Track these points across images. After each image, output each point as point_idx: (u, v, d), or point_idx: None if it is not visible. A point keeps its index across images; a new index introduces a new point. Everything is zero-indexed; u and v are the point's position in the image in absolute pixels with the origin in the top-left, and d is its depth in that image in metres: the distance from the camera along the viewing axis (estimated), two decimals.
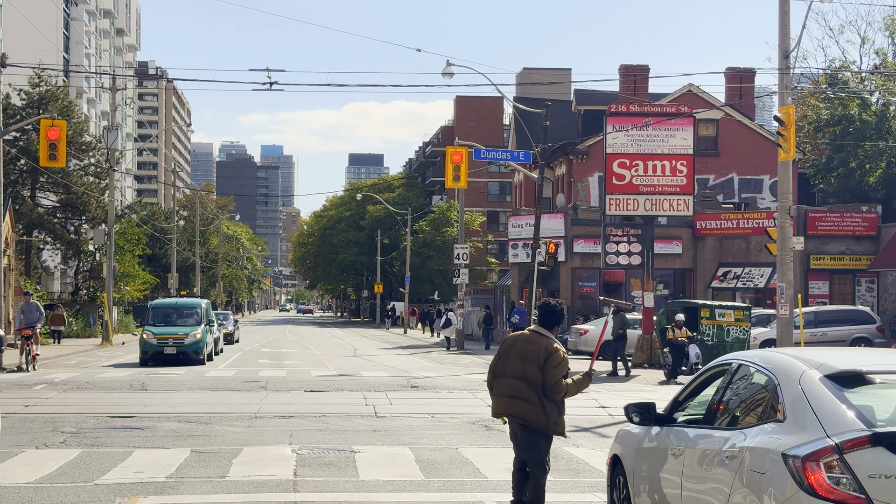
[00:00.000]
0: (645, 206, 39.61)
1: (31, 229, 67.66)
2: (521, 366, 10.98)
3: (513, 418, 11.11)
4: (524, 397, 10.91)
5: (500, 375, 11.17)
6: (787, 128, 30.93)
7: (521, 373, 10.95)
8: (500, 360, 11.28)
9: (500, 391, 11.13)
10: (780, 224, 33.07)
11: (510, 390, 10.99)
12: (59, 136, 36.06)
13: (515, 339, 11.38)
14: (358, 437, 18.54)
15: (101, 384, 29.47)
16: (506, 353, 11.26)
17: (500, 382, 11.13)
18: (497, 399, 11.23)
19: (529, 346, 11.04)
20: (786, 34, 32.85)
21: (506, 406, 11.07)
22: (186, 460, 15.58)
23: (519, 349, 11.10)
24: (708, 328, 39.11)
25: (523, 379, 10.93)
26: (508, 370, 11.07)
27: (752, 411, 7.82)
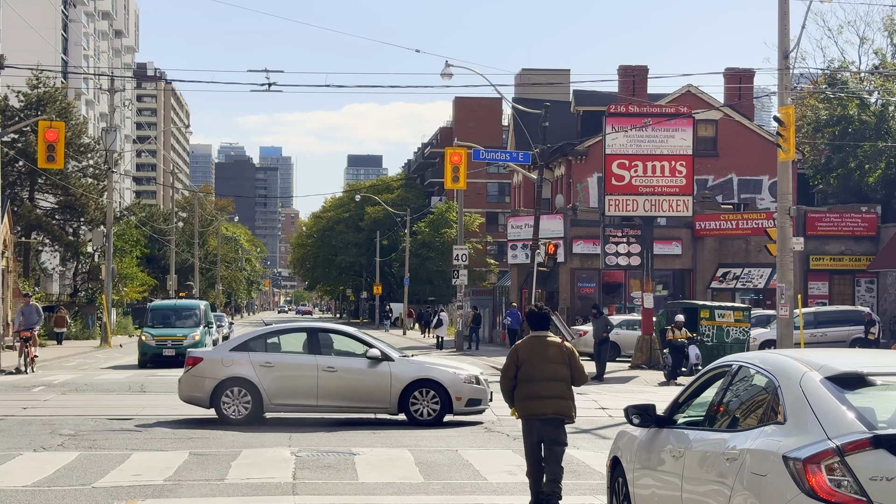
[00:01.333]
0: (644, 206, 39.55)
1: (30, 231, 67.66)
2: (552, 368, 12.04)
3: (554, 416, 12.06)
4: (563, 395, 12.14)
5: (532, 380, 12.03)
6: (786, 128, 30.87)
7: (552, 374, 12.03)
8: (524, 366, 12.08)
9: (537, 394, 12.02)
10: (780, 224, 33.01)
11: (550, 392, 12.02)
12: (58, 137, 35.99)
13: (531, 345, 12.21)
14: (357, 438, 18.50)
15: (99, 386, 29.44)
16: (527, 359, 12.09)
17: (536, 386, 12.01)
18: (536, 402, 12.03)
19: (550, 349, 12.12)
20: (785, 34, 32.79)
21: (550, 406, 12.02)
22: (185, 463, 15.54)
23: (541, 354, 12.07)
24: (707, 329, 39.02)
25: (558, 379, 12.06)
26: (540, 374, 12.02)
27: (753, 413, 7.77)
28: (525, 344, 12.37)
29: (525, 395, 12.11)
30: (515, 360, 12.25)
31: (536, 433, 12.11)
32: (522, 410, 12.17)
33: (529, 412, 12.10)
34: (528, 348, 12.23)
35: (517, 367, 12.22)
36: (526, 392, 12.10)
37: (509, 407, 12.61)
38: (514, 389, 12.26)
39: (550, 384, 12.03)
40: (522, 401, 12.13)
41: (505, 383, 12.41)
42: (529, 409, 12.09)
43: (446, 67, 40.26)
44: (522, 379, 12.12)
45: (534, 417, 12.09)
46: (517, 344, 12.65)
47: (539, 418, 12.05)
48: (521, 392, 12.16)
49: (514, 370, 12.22)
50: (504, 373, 12.50)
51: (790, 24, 33.05)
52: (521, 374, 12.13)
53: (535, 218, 41.92)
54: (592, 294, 55.91)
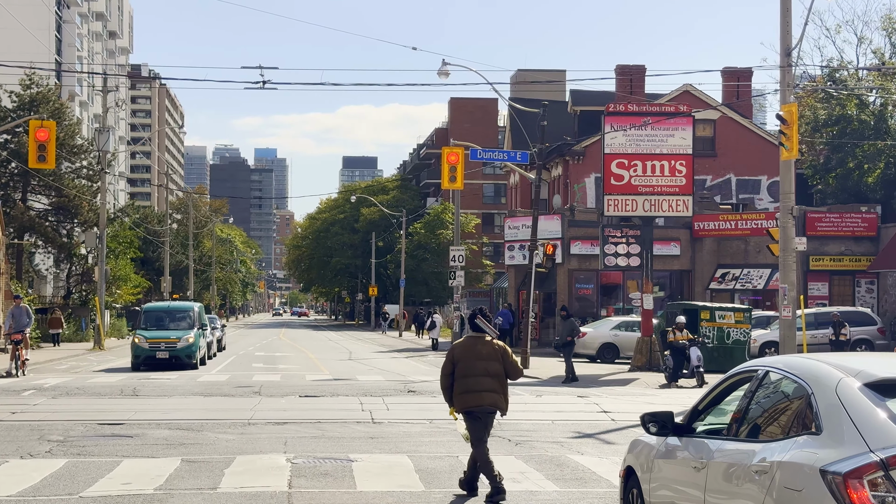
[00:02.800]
0: (644, 206, 39.05)
1: (23, 232, 67.05)
2: (486, 365, 13.00)
3: (489, 408, 13.04)
4: (496, 389, 13.05)
5: (468, 376, 12.98)
6: (789, 126, 30.39)
7: (486, 370, 12.99)
8: (460, 363, 13.07)
9: (474, 388, 12.96)
10: (783, 224, 32.53)
11: (485, 386, 12.97)
12: (49, 137, 35.37)
13: (467, 345, 13.18)
14: (355, 444, 17.97)
15: (91, 390, 28.88)
16: (463, 357, 13.07)
17: (472, 381, 12.95)
18: (471, 395, 12.98)
19: (484, 347, 13.09)
20: (787, 31, 32.32)
21: (486, 398, 12.98)
22: (177, 470, 14.99)
23: (476, 352, 13.04)
24: (708, 330, 38.61)
25: (491, 375, 13.01)
26: (474, 370, 12.98)
27: (783, 422, 7.20)
28: (462, 344, 13.32)
29: (463, 390, 13.02)
30: (452, 359, 13.18)
31: (476, 422, 13.08)
32: (461, 404, 13.06)
33: (468, 405, 13.00)
34: (464, 347, 13.19)
35: (454, 365, 13.13)
36: (463, 387, 13.02)
37: (449, 405, 13.38)
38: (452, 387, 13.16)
39: (484, 379, 12.98)
40: (460, 395, 13.04)
41: (444, 381, 13.29)
42: (468, 402, 13.00)
43: (443, 66, 39.75)
44: (459, 375, 13.06)
45: (472, 410, 12.99)
46: (454, 344, 13.57)
47: (477, 410, 12.98)
48: (458, 388, 13.07)
49: (451, 368, 13.15)
50: (443, 371, 13.34)
51: (792, 21, 32.67)
52: (458, 371, 13.06)
53: (534, 218, 41.38)
54: (590, 295, 55.46)
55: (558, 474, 14.77)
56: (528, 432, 19.63)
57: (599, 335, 45.55)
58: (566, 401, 26.53)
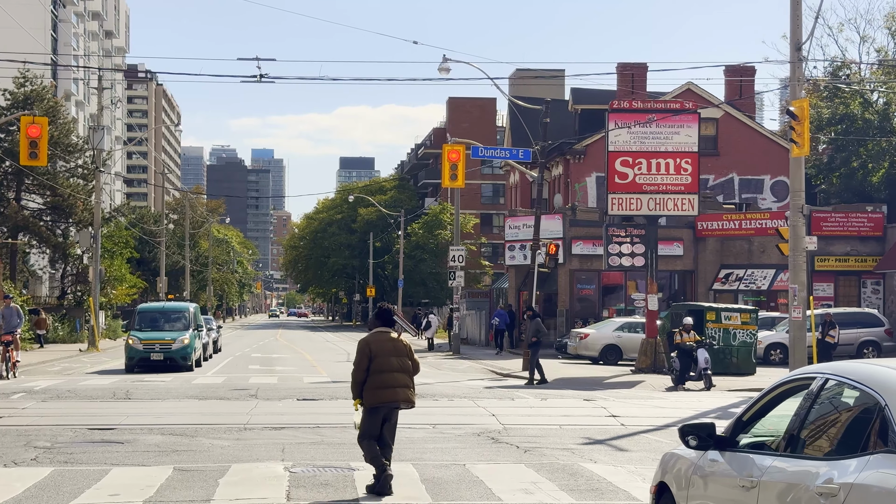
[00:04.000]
0: (648, 205, 38.24)
1: (17, 232, 66.20)
2: (400, 361, 13.40)
3: (401, 403, 13.38)
4: (409, 385, 13.46)
5: (384, 371, 13.23)
6: (800, 122, 29.61)
7: (401, 366, 13.39)
8: (377, 359, 13.27)
9: (390, 384, 13.25)
10: (793, 223, 31.75)
11: (400, 382, 13.33)
12: (41, 133, 34.49)
13: (381, 340, 13.43)
14: (356, 451, 16.99)
15: (82, 392, 28.04)
16: (379, 352, 13.31)
17: (388, 377, 13.24)
18: (387, 391, 13.24)
19: (397, 344, 13.47)
20: (797, 25, 31.55)
21: (400, 394, 13.33)
22: (168, 480, 14.16)
23: (391, 348, 13.38)
24: (714, 332, 37.87)
25: (405, 371, 13.41)
26: (390, 366, 13.29)
27: (849, 438, 6.35)
28: (375, 339, 13.48)
29: (378, 385, 13.23)
30: (369, 353, 13.36)
31: (382, 418, 13.34)
32: (375, 399, 13.25)
33: (382, 400, 13.26)
34: (379, 343, 13.42)
35: (370, 360, 13.32)
36: (379, 382, 13.24)
37: (354, 398, 13.47)
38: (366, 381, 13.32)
39: (400, 375, 13.35)
40: (375, 390, 13.24)
41: (359, 375, 13.38)
42: (383, 397, 13.26)
43: (444, 62, 38.97)
44: (375, 371, 13.27)
45: (385, 405, 13.27)
46: (366, 339, 13.58)
47: (390, 405, 13.31)
48: (373, 382, 13.25)
49: (367, 363, 13.33)
50: (358, 366, 13.43)
51: (802, 15, 31.89)
52: (374, 367, 13.28)
53: (536, 217, 40.59)
54: (592, 296, 54.67)
55: (573, 485, 13.93)
56: (536, 438, 18.83)
57: (602, 336, 44.76)
58: (572, 404, 25.73)
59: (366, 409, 13.33)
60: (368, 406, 13.30)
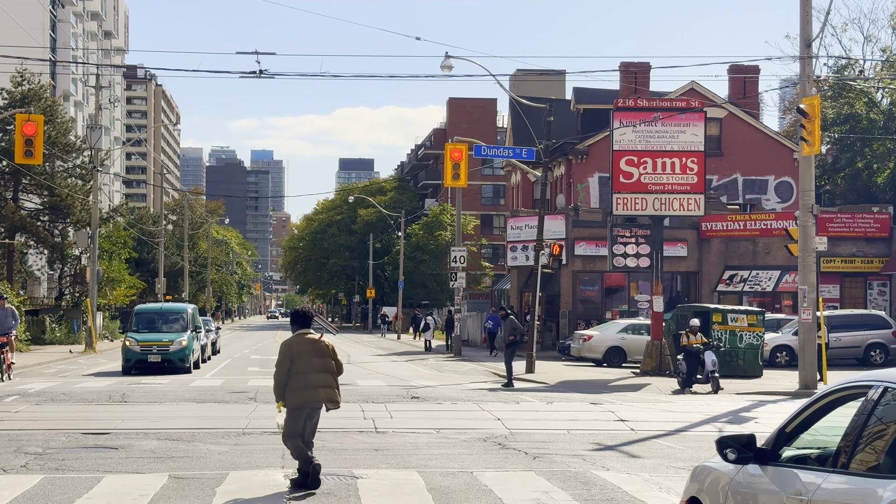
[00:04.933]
0: (654, 205, 37.62)
1: (14, 232, 65.60)
2: (322, 361, 13.57)
3: (324, 403, 13.63)
4: (331, 384, 13.67)
5: (306, 372, 13.40)
6: (811, 120, 29.04)
7: (323, 367, 13.56)
8: (298, 360, 13.44)
9: (312, 384, 13.43)
10: (802, 223, 31.18)
11: (322, 382, 13.52)
12: (36, 131, 33.87)
13: (302, 342, 13.61)
14: (358, 457, 16.54)
15: (77, 395, 27.42)
16: (301, 354, 13.48)
17: (311, 377, 13.42)
18: (309, 391, 13.43)
19: (318, 344, 13.64)
20: (807, 21, 30.99)
21: (323, 394, 13.56)
22: (163, 489, 13.56)
23: (312, 349, 13.55)
24: (720, 334, 37.27)
25: (327, 371, 13.60)
26: (312, 367, 13.47)
27: None
28: (296, 341, 13.65)
29: (301, 386, 13.42)
30: (290, 355, 13.49)
31: (305, 418, 13.57)
32: (298, 399, 13.43)
33: (305, 400, 13.46)
34: (300, 344, 13.60)
35: (291, 362, 13.46)
36: (302, 383, 13.42)
37: (277, 400, 13.64)
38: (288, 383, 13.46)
39: (322, 375, 13.54)
40: (298, 391, 13.40)
41: (281, 377, 13.53)
42: (305, 397, 13.46)
43: (446, 59, 38.34)
44: (297, 372, 13.44)
45: (307, 405, 13.49)
46: (287, 341, 13.74)
47: (313, 405, 13.54)
48: (296, 383, 13.41)
49: (288, 365, 13.48)
50: (279, 367, 13.57)
51: (812, 11, 31.30)
52: (296, 368, 13.44)
53: (540, 217, 39.96)
54: (595, 297, 54.08)
55: (587, 495, 13.30)
56: (544, 444, 18.23)
57: (606, 338, 44.18)
58: (579, 408, 25.12)
59: (289, 409, 13.53)
60: (291, 406, 13.50)
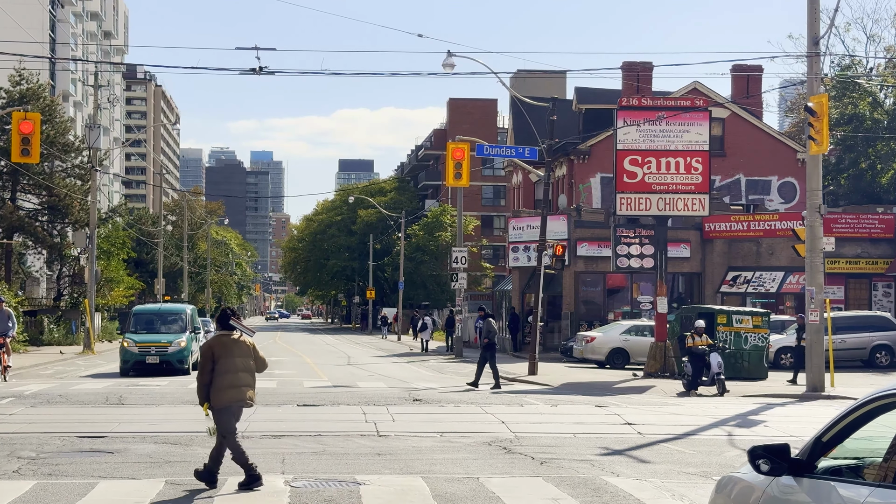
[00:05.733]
0: (658, 205, 37.17)
1: (12, 232, 65.19)
2: (244, 361, 13.66)
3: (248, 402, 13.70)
4: (252, 384, 13.81)
5: (230, 372, 13.47)
6: (819, 118, 28.61)
7: (245, 366, 13.67)
8: (221, 360, 13.51)
9: (235, 384, 13.50)
10: (810, 223, 30.76)
11: (245, 381, 13.61)
12: (33, 129, 33.44)
13: (223, 343, 13.66)
14: (360, 462, 16.09)
15: (74, 397, 26.99)
16: (224, 354, 13.54)
17: (234, 377, 13.49)
18: (234, 390, 13.49)
19: (240, 344, 13.70)
20: (815, 19, 30.57)
21: (245, 393, 13.61)
22: (159, 495, 13.12)
23: (235, 349, 13.61)
24: (725, 335, 36.87)
25: (249, 370, 13.72)
26: (234, 367, 13.55)
27: None
28: (217, 342, 13.73)
29: (226, 386, 13.48)
30: (212, 356, 13.58)
31: (233, 414, 13.64)
32: (226, 399, 13.48)
33: (231, 400, 13.50)
34: (222, 345, 13.64)
35: (213, 362, 13.54)
36: (226, 383, 13.48)
37: (201, 403, 13.71)
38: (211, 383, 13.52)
39: (244, 375, 13.63)
40: (223, 391, 13.47)
41: (204, 378, 13.60)
42: (230, 397, 13.50)
43: (448, 57, 37.91)
44: (220, 372, 13.50)
45: (234, 404, 13.53)
46: (209, 342, 13.88)
47: (238, 404, 13.58)
48: (220, 383, 13.48)
49: (210, 366, 13.56)
50: (202, 369, 13.65)
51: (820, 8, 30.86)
52: (219, 368, 13.51)
53: (543, 217, 39.52)
54: (597, 298, 53.63)
55: (597, 501, 12.87)
56: (551, 448, 17.79)
57: (609, 340, 43.75)
58: (584, 411, 24.68)
59: (216, 410, 13.58)
60: (219, 407, 13.55)
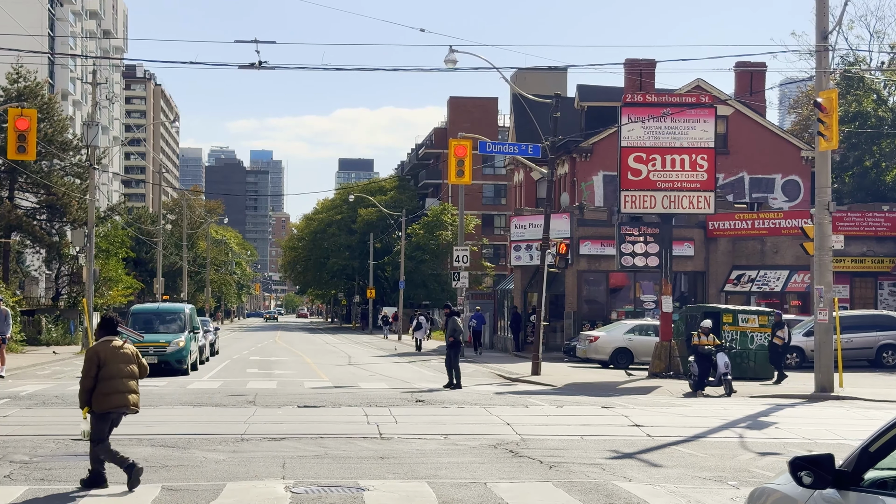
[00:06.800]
0: (663, 203, 36.65)
1: (10, 231, 64.68)
2: (129, 368, 13.87)
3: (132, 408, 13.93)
4: (137, 390, 14.02)
5: (115, 378, 13.63)
6: (828, 114, 28.16)
7: (130, 373, 13.87)
8: (106, 366, 13.62)
9: (121, 389, 13.69)
10: (818, 220, 30.28)
11: (129, 387, 13.82)
12: (29, 126, 32.96)
13: (107, 348, 13.75)
14: (363, 466, 15.60)
15: (70, 399, 26.41)
16: (108, 360, 13.66)
17: (119, 383, 13.67)
18: (117, 396, 13.67)
19: (123, 351, 13.84)
20: (823, 12, 30.11)
21: (130, 399, 13.84)
22: (155, 502, 12.65)
23: (118, 355, 13.76)
24: (731, 335, 36.40)
25: (133, 376, 13.93)
26: (120, 373, 13.70)
27: None
28: (102, 347, 13.79)
29: (110, 391, 13.63)
30: (97, 361, 13.64)
31: (111, 423, 13.85)
32: (107, 404, 13.64)
33: (115, 405, 13.70)
34: (107, 351, 13.75)
35: (99, 367, 13.63)
36: (111, 388, 13.63)
37: (82, 406, 13.78)
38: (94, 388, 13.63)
39: (128, 381, 13.82)
40: (107, 396, 13.61)
41: (87, 383, 13.67)
42: (115, 402, 13.69)
43: (450, 53, 37.48)
44: (104, 378, 13.61)
45: (115, 410, 13.73)
46: (94, 347, 13.87)
47: (119, 410, 13.79)
48: (104, 388, 13.61)
49: (95, 371, 13.64)
50: (86, 374, 13.69)
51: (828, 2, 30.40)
52: (103, 374, 13.61)
53: (546, 215, 39.04)
54: (600, 297, 53.12)
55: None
56: (559, 451, 17.30)
57: (613, 339, 43.27)
58: (590, 412, 24.19)
59: (95, 414, 13.73)
60: (99, 412, 13.70)
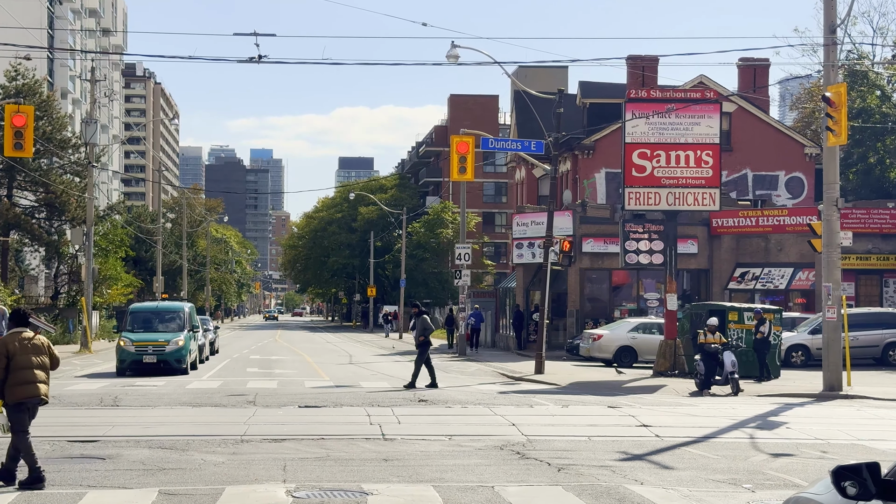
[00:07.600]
0: (667, 199, 36.22)
1: (8, 230, 64.28)
2: (40, 359, 14.11)
3: (42, 398, 14.08)
4: (47, 381, 14.22)
5: (25, 368, 13.88)
6: (837, 109, 27.79)
7: (41, 364, 14.11)
8: (16, 357, 13.88)
9: (31, 379, 13.91)
10: (826, 217, 29.86)
11: (40, 378, 14.04)
12: (26, 123, 32.51)
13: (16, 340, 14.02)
14: (366, 469, 15.18)
15: (68, 399, 26.07)
16: (18, 351, 13.91)
17: (30, 373, 13.91)
18: (28, 386, 13.90)
19: (34, 343, 14.14)
20: (831, 7, 29.70)
21: (41, 389, 14.04)
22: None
23: (28, 346, 14.03)
24: (736, 332, 35.99)
25: (44, 368, 14.17)
26: (30, 363, 13.95)
27: None
28: (11, 339, 14.05)
29: (20, 382, 13.87)
30: (6, 353, 13.87)
31: (28, 410, 14.01)
32: (18, 396, 13.86)
33: (26, 396, 13.90)
34: (16, 343, 13.99)
35: (8, 359, 13.86)
36: (21, 379, 13.87)
37: None
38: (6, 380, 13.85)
39: (38, 372, 14.04)
40: (18, 386, 13.85)
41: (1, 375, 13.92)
42: (26, 393, 13.90)
43: (452, 49, 37.03)
44: (15, 369, 13.87)
45: (28, 400, 13.92)
46: (3, 339, 14.18)
47: (33, 401, 13.98)
48: (15, 379, 13.85)
49: (5, 363, 13.87)
50: None
51: None
52: (14, 365, 13.87)
53: (549, 213, 38.62)
54: (603, 295, 52.69)
55: None
56: (567, 452, 16.88)
57: (616, 338, 42.83)
58: (597, 412, 23.78)
59: (10, 406, 13.93)
60: (12, 403, 13.91)
